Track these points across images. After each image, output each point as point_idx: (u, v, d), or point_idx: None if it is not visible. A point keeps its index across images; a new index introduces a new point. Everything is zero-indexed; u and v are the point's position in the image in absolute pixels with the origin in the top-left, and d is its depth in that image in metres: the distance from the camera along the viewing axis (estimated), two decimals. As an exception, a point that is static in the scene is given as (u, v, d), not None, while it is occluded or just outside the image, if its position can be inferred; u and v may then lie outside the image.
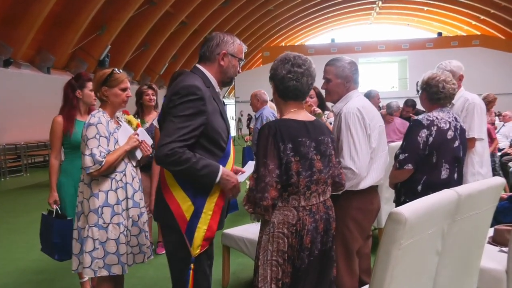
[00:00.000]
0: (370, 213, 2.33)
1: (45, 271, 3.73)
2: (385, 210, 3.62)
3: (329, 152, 1.85)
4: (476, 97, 3.04)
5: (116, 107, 2.44)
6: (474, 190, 1.66)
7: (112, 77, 2.38)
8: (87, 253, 2.27)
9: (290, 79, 1.80)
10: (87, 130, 2.29)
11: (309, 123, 1.82)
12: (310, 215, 1.76)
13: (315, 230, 1.77)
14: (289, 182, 1.72)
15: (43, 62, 12.89)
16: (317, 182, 1.77)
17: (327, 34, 31.83)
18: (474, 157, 2.92)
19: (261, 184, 1.69)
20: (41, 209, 3.01)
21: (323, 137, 1.83)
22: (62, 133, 2.91)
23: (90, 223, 2.27)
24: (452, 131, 2.42)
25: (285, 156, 1.70)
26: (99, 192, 2.30)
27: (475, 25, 27.25)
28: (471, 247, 1.77)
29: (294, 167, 1.71)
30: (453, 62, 3.04)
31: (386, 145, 2.43)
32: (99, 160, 2.24)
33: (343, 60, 2.34)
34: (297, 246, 1.74)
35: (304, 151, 1.73)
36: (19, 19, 11.06)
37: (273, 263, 1.75)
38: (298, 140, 1.73)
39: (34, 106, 11.94)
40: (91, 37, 13.89)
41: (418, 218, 1.35)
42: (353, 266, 2.28)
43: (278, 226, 1.74)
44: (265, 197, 1.67)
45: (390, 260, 1.32)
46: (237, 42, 1.99)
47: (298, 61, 1.81)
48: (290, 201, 1.75)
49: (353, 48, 26.03)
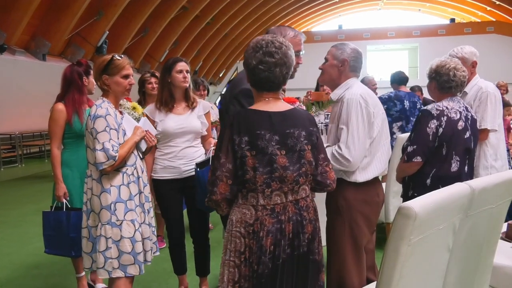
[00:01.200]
0: (376, 206, 2.27)
1: (40, 266, 3.66)
2: (393, 204, 3.57)
3: (300, 147, 1.66)
4: (491, 85, 2.90)
5: (119, 96, 2.32)
6: (489, 183, 1.60)
7: (112, 64, 2.25)
8: (100, 252, 2.17)
9: (262, 70, 1.64)
10: (95, 123, 2.16)
11: (276, 114, 1.65)
12: (272, 215, 1.62)
13: (278, 232, 1.62)
14: (244, 178, 1.61)
15: (38, 49, 12.64)
16: (280, 179, 1.62)
17: (334, 20, 31.16)
18: (487, 149, 2.83)
19: (212, 177, 1.63)
20: (36, 201, 2.89)
21: (293, 129, 1.66)
22: (65, 122, 2.80)
23: (103, 221, 2.17)
24: (463, 121, 2.33)
25: (239, 150, 1.60)
26: (111, 187, 2.18)
27: (490, 11, 26.44)
28: (484, 243, 1.72)
29: (250, 162, 1.59)
30: (465, 48, 2.90)
31: (389, 133, 2.35)
32: (113, 155, 2.12)
33: (346, 45, 2.29)
34: (255, 248, 1.61)
35: (262, 145, 1.60)
36: (12, 2, 10.73)
37: (230, 264, 1.66)
38: (256, 132, 1.60)
39: (29, 94, 11.76)
40: (88, 23, 13.63)
41: (428, 213, 1.30)
42: (362, 262, 2.22)
43: (235, 224, 1.66)
44: (214, 191, 1.62)
45: (399, 257, 1.28)
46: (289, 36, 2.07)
47: (271, 49, 1.63)
48: (249, 198, 1.64)
49: (361, 35, 25.55)
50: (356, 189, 2.16)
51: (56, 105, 2.84)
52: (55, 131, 2.81)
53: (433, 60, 2.48)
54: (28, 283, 3.34)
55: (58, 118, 2.79)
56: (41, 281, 3.36)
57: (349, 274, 2.17)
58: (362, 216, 2.19)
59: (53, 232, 2.76)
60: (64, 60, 13.40)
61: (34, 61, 12.46)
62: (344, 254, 2.17)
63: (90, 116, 2.20)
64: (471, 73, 2.84)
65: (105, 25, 14.06)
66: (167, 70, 2.75)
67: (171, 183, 2.74)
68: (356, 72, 2.28)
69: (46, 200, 2.98)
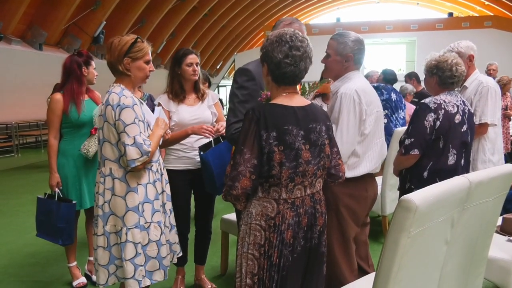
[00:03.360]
0: (364, 200, 2.27)
1: (38, 255, 3.69)
2: (390, 197, 3.58)
3: (321, 142, 1.69)
4: (491, 80, 2.92)
5: (137, 83, 2.07)
6: (485, 177, 1.62)
7: (136, 47, 1.98)
8: (128, 261, 1.93)
9: (288, 64, 1.62)
10: (121, 114, 1.89)
11: (300, 109, 1.66)
12: (292, 208, 1.64)
13: (297, 225, 1.65)
14: (270, 174, 1.59)
15: (35, 38, 12.56)
16: (303, 174, 1.63)
17: (332, 13, 30.96)
18: (486, 143, 2.85)
19: (233, 172, 1.58)
20: (33, 190, 2.91)
21: (315, 124, 1.67)
22: (62, 111, 2.78)
23: (129, 225, 1.94)
24: (460, 115, 2.35)
25: (267, 146, 1.58)
26: (138, 186, 1.95)
27: (488, 6, 26.41)
28: (480, 236, 1.75)
29: (277, 157, 1.58)
30: (461, 43, 2.91)
31: (383, 132, 2.34)
32: (147, 150, 1.89)
33: (347, 36, 2.21)
34: (275, 241, 1.62)
35: (289, 140, 1.59)
36: (8, -9, 10.64)
37: (249, 256, 1.66)
38: (283, 128, 1.59)
39: (25, 84, 11.69)
40: (85, 13, 13.54)
41: (428, 206, 1.32)
42: (350, 253, 2.24)
43: (256, 217, 1.65)
44: (235, 186, 1.57)
45: (398, 249, 1.30)
46: (283, 23, 2.16)
47: (296, 43, 1.62)
48: (271, 192, 1.63)
49: (359, 28, 25.35)
50: (344, 183, 2.14)
51: (53, 95, 2.84)
52: (53, 121, 2.81)
53: (430, 55, 2.47)
54: (26, 272, 3.35)
55: (55, 108, 2.79)
56: (38, 270, 3.38)
57: (338, 265, 2.20)
58: (347, 209, 2.20)
59: (44, 217, 2.79)
60: (60, 50, 13.30)
61: (30, 50, 12.37)
62: (332, 245, 2.18)
63: (112, 106, 1.91)
64: (469, 67, 2.85)
65: (102, 16, 13.94)
66: (176, 62, 2.72)
67: (184, 174, 2.74)
68: (358, 64, 2.25)
69: (43, 190, 2.99)
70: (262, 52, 1.69)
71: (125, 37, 2.00)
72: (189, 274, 3.04)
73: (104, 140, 1.96)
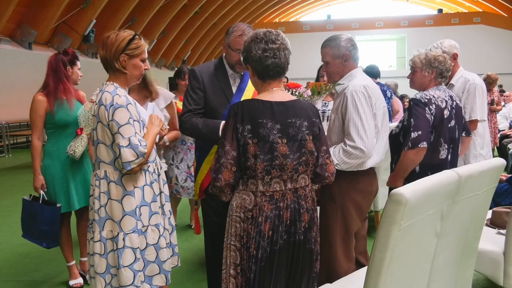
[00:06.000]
0: (369, 195, 2.30)
1: (31, 254, 3.66)
2: (381, 193, 3.59)
3: (301, 137, 1.70)
4: (477, 77, 2.96)
5: (130, 82, 1.97)
6: (475, 171, 1.65)
7: (134, 44, 1.89)
8: (127, 267, 1.84)
9: (268, 57, 1.69)
10: (114, 114, 1.80)
11: (278, 104, 1.69)
12: (271, 202, 1.67)
13: (277, 218, 1.67)
14: (246, 165, 1.65)
15: (24, 37, 12.39)
16: (280, 167, 1.66)
17: (323, 10, 30.96)
18: (476, 138, 2.88)
19: (216, 165, 1.66)
20: (24, 191, 2.88)
21: (294, 119, 1.69)
22: (46, 111, 2.71)
23: (127, 229, 1.85)
24: (448, 110, 2.38)
25: (242, 138, 1.64)
26: (135, 189, 1.87)
27: (477, 2, 26.63)
28: (470, 229, 1.77)
29: (251, 149, 1.64)
30: (444, 42, 2.95)
31: (388, 126, 2.36)
32: (143, 151, 1.80)
33: (337, 39, 2.26)
34: (253, 233, 1.67)
35: (263, 133, 1.64)
36: (-3, -10, 10.49)
37: (231, 247, 1.71)
38: (258, 121, 1.64)
39: (15, 83, 11.51)
40: (74, 11, 13.38)
41: (418, 199, 1.34)
42: (350, 248, 2.26)
43: (236, 209, 1.71)
44: (218, 178, 1.65)
45: (390, 241, 1.32)
46: (234, 34, 2.20)
47: (271, 37, 1.70)
48: (249, 185, 1.69)
49: (350, 25, 25.53)
50: (351, 177, 2.19)
51: (35, 96, 2.74)
52: (36, 122, 2.73)
53: (420, 53, 2.49)
54: (20, 271, 3.34)
55: (37, 108, 2.70)
56: (32, 269, 3.37)
57: (337, 260, 2.22)
58: (354, 204, 2.23)
59: (29, 219, 2.74)
60: (50, 49, 13.13)
61: (20, 49, 12.20)
62: (334, 240, 2.21)
63: (105, 106, 1.82)
64: (454, 65, 2.88)
65: (92, 14, 13.78)
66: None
67: None
68: (356, 61, 2.29)
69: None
70: (242, 56, 1.77)
71: (122, 33, 1.90)
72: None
73: (99, 142, 1.88)
